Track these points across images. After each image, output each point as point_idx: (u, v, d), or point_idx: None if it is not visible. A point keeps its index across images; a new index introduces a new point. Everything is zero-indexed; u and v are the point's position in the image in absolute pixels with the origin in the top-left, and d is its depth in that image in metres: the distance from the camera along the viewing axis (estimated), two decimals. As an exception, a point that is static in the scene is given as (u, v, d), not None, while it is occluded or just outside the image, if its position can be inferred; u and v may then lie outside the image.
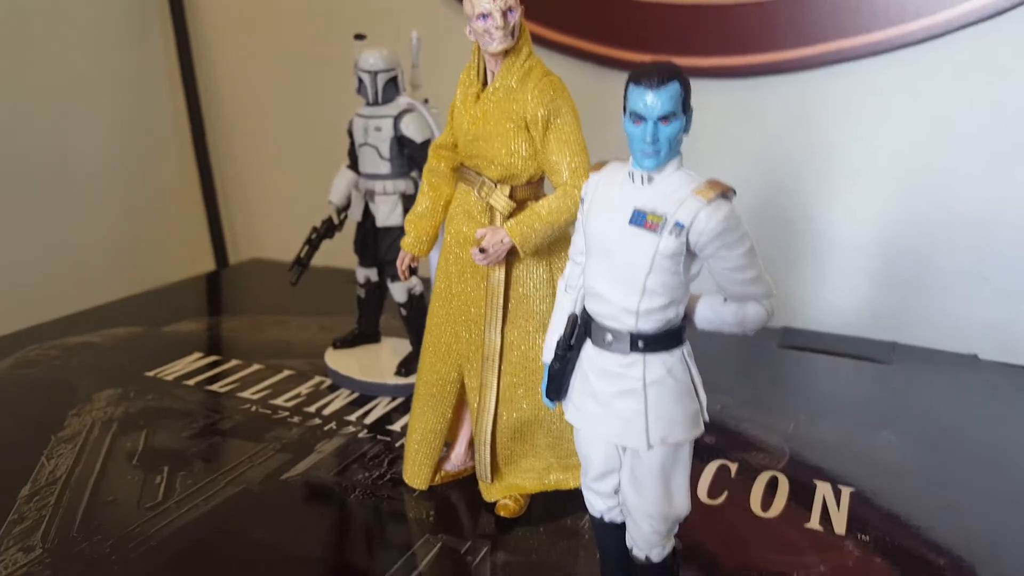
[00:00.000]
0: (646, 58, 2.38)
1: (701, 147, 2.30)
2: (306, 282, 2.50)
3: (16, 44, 2.47)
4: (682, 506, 0.94)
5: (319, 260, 2.51)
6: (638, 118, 0.84)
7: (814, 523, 1.32)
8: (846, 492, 1.41)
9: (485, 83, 1.22)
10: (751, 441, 1.60)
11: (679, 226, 0.84)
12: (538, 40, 2.32)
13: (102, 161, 2.77)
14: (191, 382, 1.84)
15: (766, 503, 1.38)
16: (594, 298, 0.92)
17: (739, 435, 1.62)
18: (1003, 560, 1.24)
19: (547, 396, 0.99)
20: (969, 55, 1.98)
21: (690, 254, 0.87)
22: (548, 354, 0.99)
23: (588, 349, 0.94)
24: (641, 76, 0.83)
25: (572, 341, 0.94)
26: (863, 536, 1.29)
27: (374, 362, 1.88)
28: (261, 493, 1.40)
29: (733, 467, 1.49)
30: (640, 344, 0.89)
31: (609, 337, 0.90)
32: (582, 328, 0.94)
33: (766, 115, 2.24)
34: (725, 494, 1.40)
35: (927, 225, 2.13)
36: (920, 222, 2.14)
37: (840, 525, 1.32)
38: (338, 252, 2.08)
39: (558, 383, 0.96)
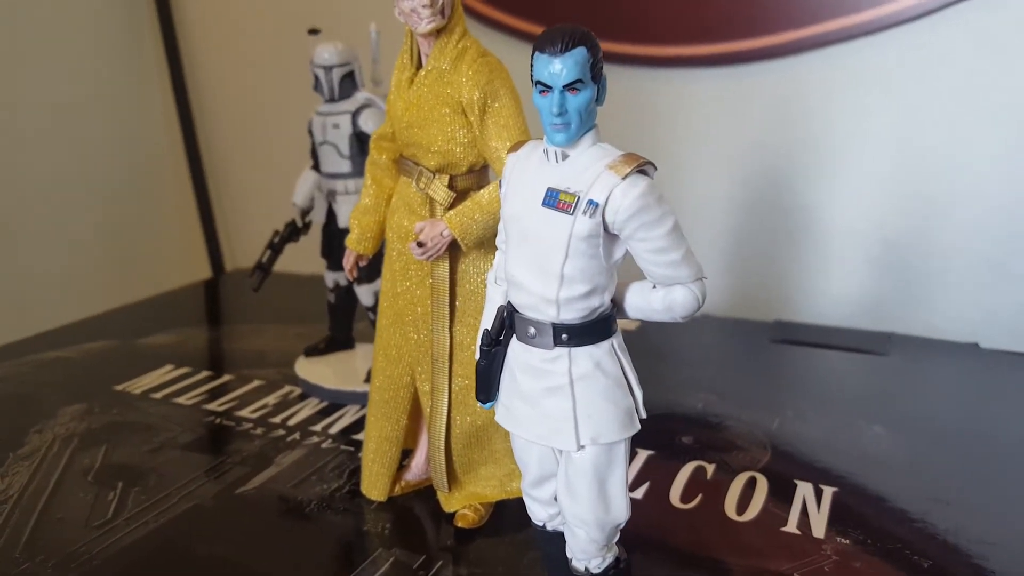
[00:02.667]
0: (624, 49, 2.35)
1: (690, 137, 2.25)
2: (287, 290, 2.48)
3: (8, 59, 2.46)
4: (619, 512, 0.87)
5: (302, 267, 2.47)
6: (544, 88, 0.78)
7: (791, 526, 1.24)
8: (828, 492, 1.33)
9: (420, 67, 1.16)
10: (731, 440, 1.52)
11: (592, 204, 0.77)
12: (503, 27, 2.26)
13: (95, 173, 2.75)
14: (158, 395, 1.79)
15: (742, 506, 1.30)
16: (515, 288, 0.85)
17: (719, 434, 1.54)
18: (993, 560, 1.15)
19: (477, 397, 0.92)
20: (964, 33, 1.89)
21: (609, 235, 0.80)
22: (478, 352, 0.93)
23: (514, 344, 0.87)
24: (544, 43, 0.77)
25: (500, 336, 0.88)
26: (842, 539, 1.21)
27: (346, 370, 1.82)
28: (213, 508, 1.35)
29: (710, 468, 1.41)
30: (564, 337, 0.82)
31: (532, 330, 0.83)
32: (508, 322, 0.87)
33: (755, 103, 2.16)
34: (699, 497, 1.33)
35: (926, 209, 2.04)
36: (918, 206, 2.05)
37: (819, 528, 1.24)
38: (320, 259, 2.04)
39: (486, 381, 0.90)
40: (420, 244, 1.12)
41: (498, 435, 1.26)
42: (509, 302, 0.87)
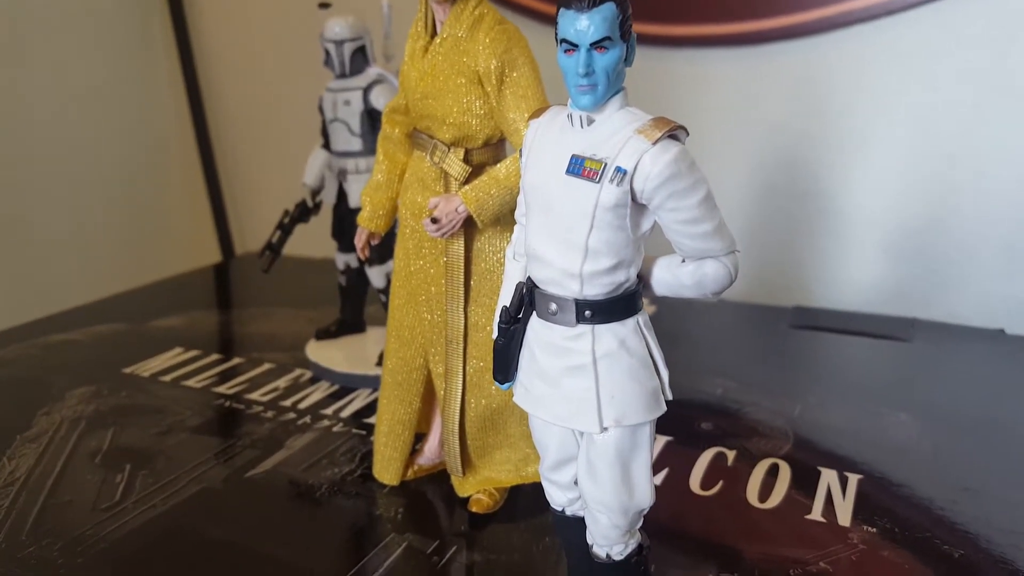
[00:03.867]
0: (640, 28, 2.30)
1: (708, 119, 2.20)
2: (299, 274, 2.45)
3: (18, 44, 2.44)
4: (644, 497, 0.83)
5: (313, 251, 2.44)
6: (570, 46, 0.73)
7: (816, 514, 1.21)
8: (853, 479, 1.29)
9: (435, 35, 1.12)
10: (752, 426, 1.48)
11: (620, 171, 0.73)
12: (522, 9, 2.22)
13: (105, 157, 2.73)
14: (167, 378, 1.77)
15: (764, 493, 1.27)
16: (536, 262, 0.81)
17: (740, 420, 1.50)
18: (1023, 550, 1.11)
19: (494, 377, 0.89)
20: (989, 14, 1.83)
21: (637, 205, 0.76)
22: (495, 331, 0.89)
23: (534, 322, 0.83)
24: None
25: (518, 313, 0.84)
26: (869, 527, 1.17)
27: (357, 353, 1.79)
28: (222, 491, 1.32)
29: (731, 455, 1.38)
30: (587, 313, 0.78)
31: (553, 306, 0.80)
32: (527, 298, 0.83)
33: (774, 84, 2.11)
34: (719, 484, 1.29)
35: (951, 194, 1.99)
36: (943, 191, 2.00)
37: (845, 516, 1.20)
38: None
39: (504, 361, 0.86)
40: (434, 220, 1.08)
41: (513, 418, 1.22)
42: (529, 278, 0.83)
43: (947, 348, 1.83)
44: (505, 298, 0.89)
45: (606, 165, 0.74)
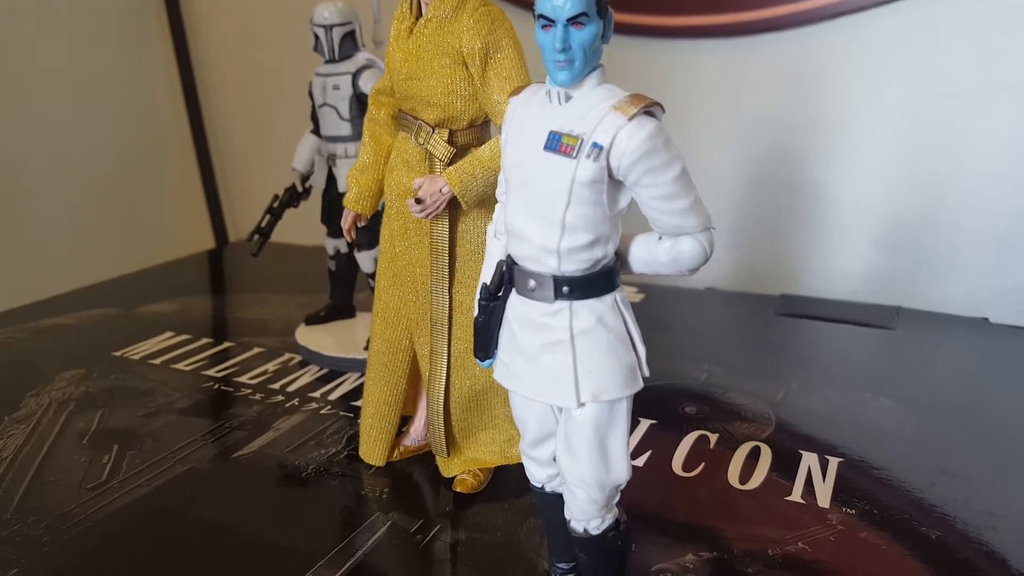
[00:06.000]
0: (630, 19, 2.30)
1: (697, 110, 2.20)
2: (290, 260, 2.46)
3: (12, 29, 2.43)
4: (620, 472, 0.84)
5: (304, 238, 2.45)
6: (547, 22, 0.74)
7: (795, 496, 1.22)
8: (834, 462, 1.31)
9: (420, 17, 1.12)
10: (735, 411, 1.49)
11: (597, 147, 0.74)
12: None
13: (103, 145, 2.73)
14: (157, 361, 1.78)
15: (745, 475, 1.28)
16: (515, 238, 0.82)
17: (723, 404, 1.52)
18: (1002, 531, 1.13)
19: (475, 354, 0.90)
20: (976, 6, 1.84)
21: (614, 182, 0.77)
22: (476, 309, 0.90)
23: (513, 299, 0.84)
24: None
25: (498, 290, 0.85)
26: (848, 509, 1.18)
27: (346, 337, 1.80)
28: (210, 472, 1.33)
29: (713, 438, 1.39)
30: (565, 289, 0.79)
31: (532, 283, 0.81)
32: (507, 275, 0.84)
33: (764, 75, 2.12)
34: (701, 466, 1.30)
35: (937, 184, 2.00)
36: (930, 182, 2.01)
37: (824, 497, 1.22)
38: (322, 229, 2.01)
39: (484, 338, 0.87)
40: (418, 201, 1.09)
41: (498, 400, 1.24)
42: (509, 255, 0.84)
43: (931, 336, 1.84)
44: (486, 275, 0.90)
45: (582, 141, 0.75)
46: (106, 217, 2.78)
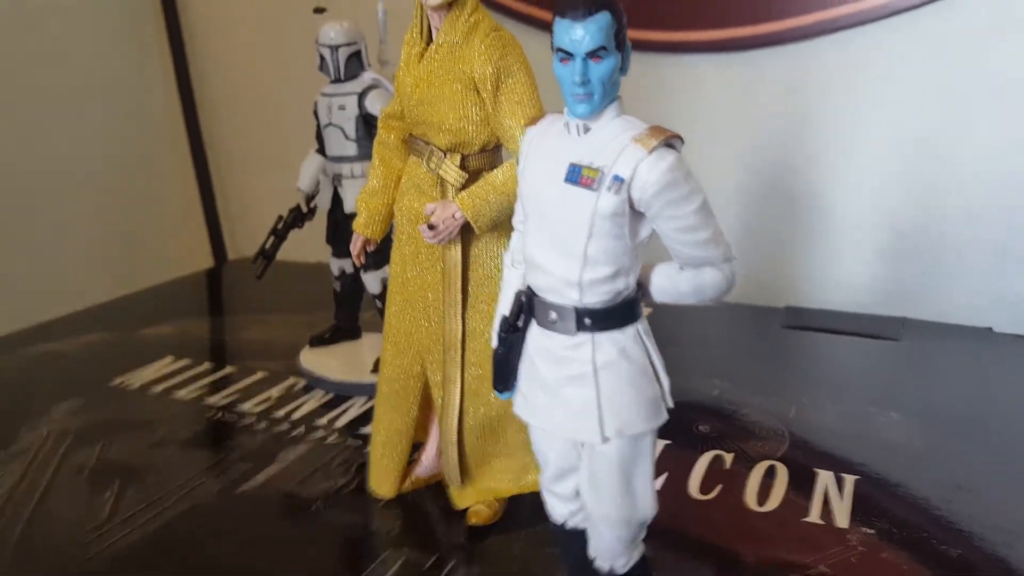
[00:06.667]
0: (633, 35, 2.29)
1: (697, 125, 2.19)
2: (292, 279, 2.42)
3: (7, 43, 2.39)
4: (647, 508, 0.82)
5: (307, 256, 2.41)
6: (566, 56, 0.73)
7: (814, 516, 1.21)
8: (850, 480, 1.29)
9: (430, 43, 1.11)
10: (748, 428, 1.48)
11: (618, 180, 0.73)
12: (510, 13, 2.21)
13: (98, 160, 2.67)
14: (157, 389, 1.74)
15: (763, 496, 1.26)
16: (534, 270, 0.80)
17: (736, 422, 1.50)
18: (1020, 548, 1.12)
19: (494, 387, 0.88)
20: (972, 18, 1.84)
21: (635, 214, 0.75)
22: (494, 340, 0.88)
23: (533, 330, 0.82)
24: (566, 7, 0.72)
25: (517, 321, 0.83)
26: (867, 529, 1.17)
27: (352, 360, 1.78)
28: (215, 507, 1.30)
29: (728, 458, 1.37)
30: (587, 321, 0.77)
31: (553, 315, 0.79)
32: (527, 307, 0.82)
33: (764, 89, 2.11)
34: (718, 488, 1.29)
35: (939, 195, 2.00)
36: (931, 192, 2.00)
37: (843, 517, 1.20)
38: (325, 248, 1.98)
39: (503, 371, 0.85)
40: (431, 227, 1.07)
41: (512, 427, 1.21)
42: (528, 286, 0.82)
43: (937, 347, 1.83)
44: (504, 306, 0.88)
45: (603, 173, 0.73)
46: (102, 236, 2.72)
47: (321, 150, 1.70)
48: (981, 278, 1.98)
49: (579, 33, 0.72)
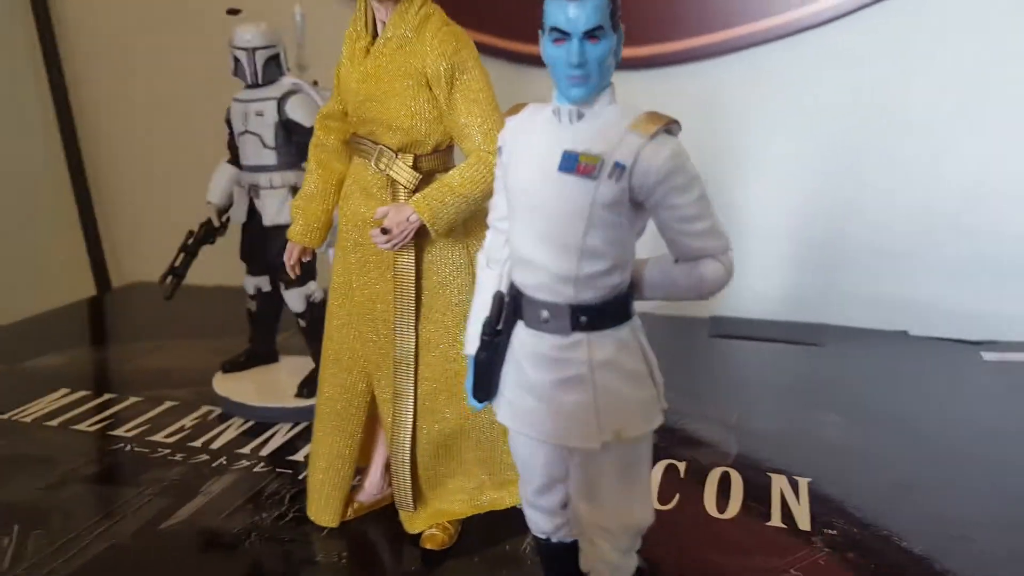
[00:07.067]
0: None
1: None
2: (192, 302, 2.25)
3: None
4: (645, 515, 0.78)
5: (206, 278, 2.26)
6: (560, 35, 0.68)
7: (775, 520, 1.19)
8: (803, 483, 1.29)
9: (376, 37, 1.04)
10: (695, 437, 1.46)
11: (619, 167, 0.68)
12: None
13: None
14: (54, 422, 1.58)
15: (721, 503, 1.24)
16: (523, 266, 0.75)
17: (682, 431, 1.48)
18: (979, 540, 1.14)
19: (474, 396, 0.81)
20: (875, 36, 1.92)
21: (634, 204, 0.71)
22: (471, 345, 0.82)
23: (520, 332, 0.77)
24: None
25: (500, 324, 0.77)
26: (829, 530, 1.16)
27: (271, 384, 1.66)
28: (134, 548, 1.17)
29: (681, 466, 1.35)
30: (582, 319, 0.72)
31: (544, 314, 0.73)
32: (511, 307, 0.76)
33: (674, 105, 2.09)
34: (676, 497, 1.25)
35: (844, 206, 2.06)
36: (837, 203, 2.07)
37: (804, 520, 1.19)
38: (226, 267, 1.85)
39: (486, 377, 0.79)
40: (384, 231, 0.99)
41: (468, 443, 1.14)
42: (512, 284, 0.77)
43: (858, 350, 1.88)
44: (481, 309, 0.82)
45: (603, 160, 0.69)
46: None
47: (234, 160, 1.59)
48: (892, 284, 2.06)
49: (575, 11, 0.68)
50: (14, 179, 2.60)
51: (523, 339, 0.76)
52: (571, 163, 0.70)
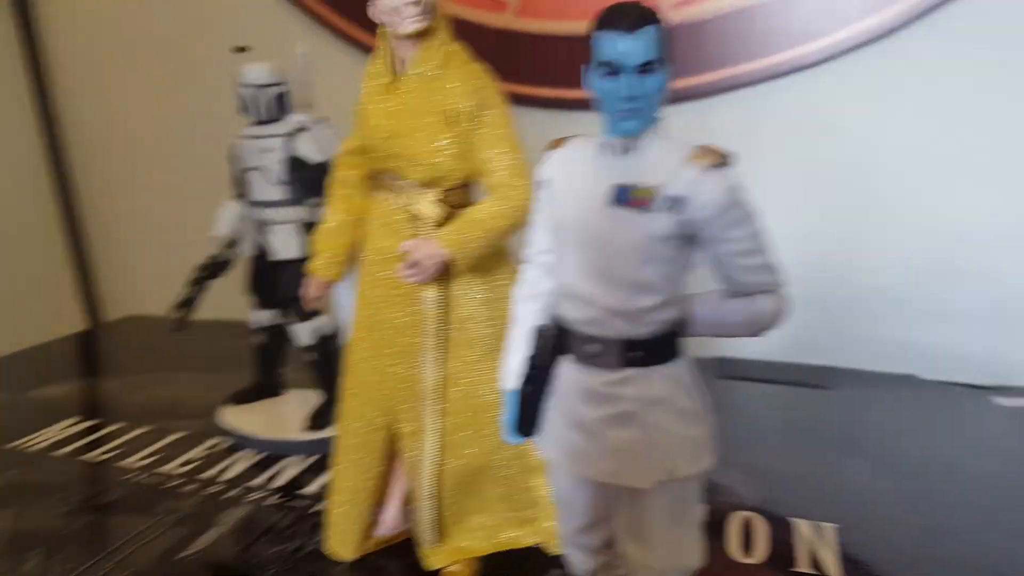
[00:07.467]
0: (528, 90, 2.28)
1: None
2: (191, 338, 2.23)
3: None
4: (694, 557, 0.77)
5: (202, 312, 2.24)
6: (612, 71, 0.69)
7: (804, 566, 1.18)
8: (828, 528, 1.28)
9: (397, 74, 1.05)
10: (713, 480, 1.43)
11: (674, 199, 0.69)
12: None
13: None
14: (64, 451, 1.55)
15: (747, 548, 1.23)
16: (572, 301, 0.75)
17: (699, 473, 1.47)
18: None
19: (517, 430, 0.80)
20: (878, 71, 1.95)
21: (688, 237, 0.71)
22: (510, 379, 0.82)
23: (567, 368, 0.76)
24: (613, 19, 0.69)
25: (544, 357, 0.77)
26: (859, 576, 1.15)
27: (279, 417, 1.65)
28: (158, 575, 1.15)
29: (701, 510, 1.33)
30: (634, 355, 0.72)
31: (595, 348, 0.73)
32: (555, 341, 0.76)
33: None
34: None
35: (847, 247, 2.08)
36: (840, 244, 2.08)
37: (832, 567, 1.18)
38: (225, 303, 1.84)
39: (531, 412, 0.78)
40: (411, 265, 1.00)
41: (491, 480, 1.13)
42: (555, 319, 0.76)
43: (868, 394, 1.88)
44: (519, 344, 0.81)
45: (657, 193, 0.69)
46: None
47: (239, 195, 1.60)
48: (897, 328, 2.07)
49: (631, 45, 0.68)
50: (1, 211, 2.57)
51: (572, 375, 0.76)
52: (623, 196, 0.71)
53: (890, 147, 1.98)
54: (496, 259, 1.08)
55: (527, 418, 0.79)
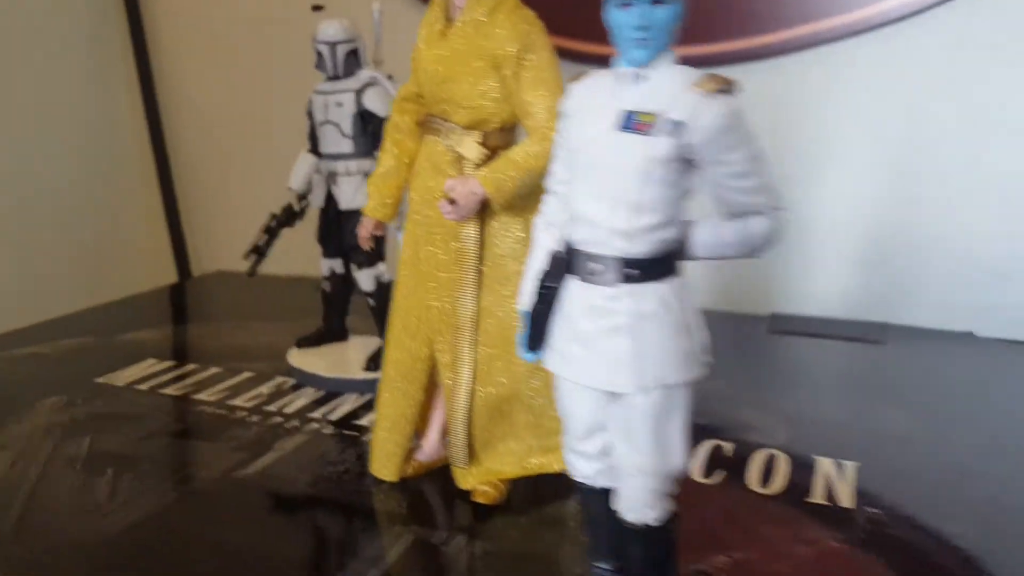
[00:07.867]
0: (600, 49, 2.31)
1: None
2: (269, 290, 2.40)
3: None
4: (678, 460, 0.83)
5: (284, 268, 2.40)
6: (626, 2, 0.74)
7: (818, 497, 1.22)
8: (850, 466, 1.31)
9: (451, 20, 1.12)
10: (745, 421, 1.49)
11: (674, 124, 0.74)
12: None
13: (62, 174, 2.63)
14: (144, 386, 1.71)
15: (765, 480, 1.27)
16: (579, 222, 0.81)
17: (732, 416, 1.51)
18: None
19: (528, 347, 0.88)
20: (946, 34, 1.92)
21: (688, 160, 0.77)
22: (525, 300, 0.89)
23: (571, 286, 0.83)
24: None
25: (555, 276, 0.83)
26: (872, 508, 1.18)
27: (341, 359, 1.76)
28: (214, 492, 1.28)
29: (728, 446, 1.38)
30: (630, 272, 0.78)
31: (596, 266, 0.79)
32: (565, 262, 0.83)
33: (746, 102, 2.16)
34: (722, 474, 1.29)
35: (913, 206, 2.05)
36: (905, 203, 2.06)
37: (847, 498, 1.21)
38: (302, 257, 1.96)
39: (540, 328, 0.85)
40: (451, 202, 1.07)
41: (521, 408, 1.21)
42: (568, 244, 0.83)
43: (921, 349, 1.87)
44: (536, 264, 0.88)
45: (659, 117, 0.75)
46: (67, 250, 2.65)
47: (313, 149, 1.70)
48: (956, 286, 2.04)
49: None
50: (104, 171, 2.79)
51: (575, 292, 0.82)
52: (630, 122, 0.76)
53: (956, 108, 1.96)
54: (535, 200, 1.14)
55: (537, 334, 0.86)
